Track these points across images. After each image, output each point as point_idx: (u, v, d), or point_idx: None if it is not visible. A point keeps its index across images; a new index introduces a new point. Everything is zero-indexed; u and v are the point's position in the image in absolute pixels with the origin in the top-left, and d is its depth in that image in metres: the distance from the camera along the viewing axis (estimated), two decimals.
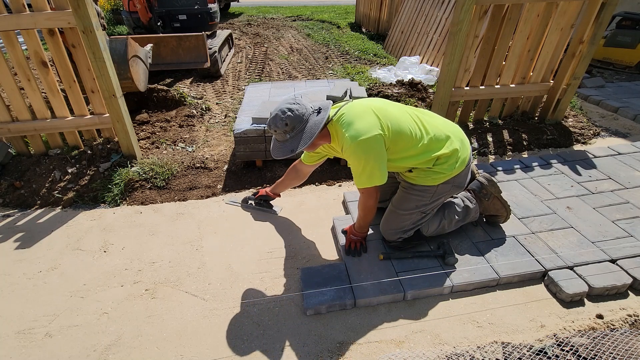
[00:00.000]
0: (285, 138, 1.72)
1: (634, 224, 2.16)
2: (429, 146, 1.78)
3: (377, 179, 1.72)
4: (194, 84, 5.15)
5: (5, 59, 2.65)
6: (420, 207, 1.91)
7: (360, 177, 1.74)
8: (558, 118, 3.42)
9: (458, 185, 1.93)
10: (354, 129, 1.67)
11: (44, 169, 2.88)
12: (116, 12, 8.66)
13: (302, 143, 1.69)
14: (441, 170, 1.82)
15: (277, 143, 1.79)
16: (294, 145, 1.70)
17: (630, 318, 1.69)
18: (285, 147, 1.73)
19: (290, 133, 1.70)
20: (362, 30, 8.48)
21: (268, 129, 1.76)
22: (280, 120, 1.69)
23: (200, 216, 2.51)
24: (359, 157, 1.68)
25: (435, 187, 1.86)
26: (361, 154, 1.67)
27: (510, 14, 2.86)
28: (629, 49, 4.77)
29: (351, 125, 1.69)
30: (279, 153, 1.75)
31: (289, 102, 1.73)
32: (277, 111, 1.71)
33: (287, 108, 1.70)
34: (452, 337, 1.64)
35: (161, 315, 1.81)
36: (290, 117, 1.68)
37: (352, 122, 1.70)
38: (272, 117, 1.72)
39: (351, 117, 1.72)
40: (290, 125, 1.69)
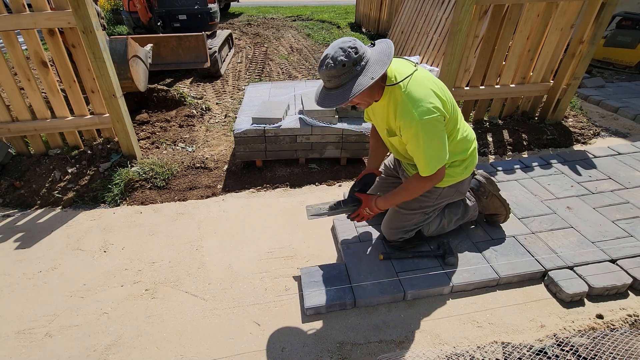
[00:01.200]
0: (341, 81, 1.47)
1: (634, 224, 2.15)
2: (459, 145, 1.75)
3: (442, 160, 1.58)
4: (194, 84, 5.15)
5: (5, 59, 2.65)
6: (424, 208, 1.91)
7: (425, 161, 1.58)
8: (558, 118, 3.42)
9: (461, 191, 1.94)
10: (423, 106, 1.50)
11: (44, 169, 2.88)
12: (116, 12, 8.66)
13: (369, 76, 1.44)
14: (452, 173, 1.80)
15: (330, 92, 1.52)
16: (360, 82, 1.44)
17: (630, 318, 1.69)
18: (348, 88, 1.46)
19: (353, 69, 1.45)
20: (362, 30, 8.48)
21: (327, 68, 1.45)
22: (345, 52, 1.42)
23: (200, 216, 2.51)
24: (423, 136, 1.52)
25: (441, 189, 1.86)
26: (428, 132, 1.51)
27: (510, 14, 2.86)
28: (629, 49, 4.77)
29: (421, 100, 1.50)
30: (339, 99, 1.48)
31: (344, 39, 1.48)
32: (336, 47, 1.45)
33: (348, 40, 1.45)
34: (452, 337, 1.64)
35: (161, 315, 1.81)
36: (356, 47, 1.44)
37: (424, 97, 1.51)
38: (332, 54, 1.44)
39: (423, 92, 1.53)
40: (357, 57, 1.44)
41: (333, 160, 3.10)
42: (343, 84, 1.48)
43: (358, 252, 2.03)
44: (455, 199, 1.97)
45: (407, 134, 1.56)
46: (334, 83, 1.49)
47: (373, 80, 1.44)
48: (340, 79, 1.46)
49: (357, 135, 2.86)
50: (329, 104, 1.52)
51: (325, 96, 1.54)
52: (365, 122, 2.92)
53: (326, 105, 1.53)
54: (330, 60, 1.44)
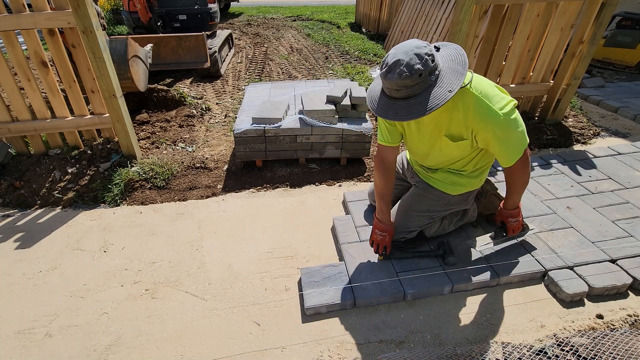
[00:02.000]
0: (413, 92, 1.32)
1: (634, 224, 2.15)
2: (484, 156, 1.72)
3: (526, 140, 1.52)
4: (194, 84, 5.15)
5: (5, 59, 2.65)
6: (431, 212, 1.91)
7: (516, 146, 1.50)
8: (558, 118, 3.42)
9: (468, 201, 1.95)
10: (500, 98, 1.44)
11: (44, 169, 2.88)
12: (116, 12, 8.66)
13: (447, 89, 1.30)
14: (467, 183, 1.80)
15: (396, 102, 1.36)
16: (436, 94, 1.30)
17: (630, 318, 1.69)
18: (421, 101, 1.31)
19: (428, 79, 1.31)
20: (362, 30, 8.48)
21: (401, 77, 1.27)
22: (422, 60, 1.27)
23: (200, 216, 2.51)
24: (510, 128, 1.45)
25: (451, 197, 1.86)
26: (516, 123, 1.46)
27: (510, 14, 2.86)
28: (629, 49, 4.77)
29: (496, 95, 1.44)
30: (412, 112, 1.32)
31: (419, 44, 1.31)
32: (410, 53, 1.28)
33: (424, 45, 1.30)
34: (452, 337, 1.64)
35: (161, 315, 1.81)
36: (433, 55, 1.30)
37: (495, 92, 1.45)
38: (406, 62, 1.27)
39: (489, 84, 1.47)
40: (434, 66, 1.30)
41: (333, 160, 3.10)
42: (415, 94, 1.33)
43: (358, 252, 2.03)
44: (462, 207, 1.97)
45: (494, 132, 1.46)
46: (403, 93, 1.33)
47: (452, 94, 1.30)
48: (413, 89, 1.31)
49: (357, 135, 2.86)
50: (395, 116, 1.37)
51: (389, 106, 1.38)
52: (365, 122, 2.92)
53: (391, 117, 1.37)
54: (405, 69, 1.27)
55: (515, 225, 1.85)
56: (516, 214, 1.82)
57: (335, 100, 2.93)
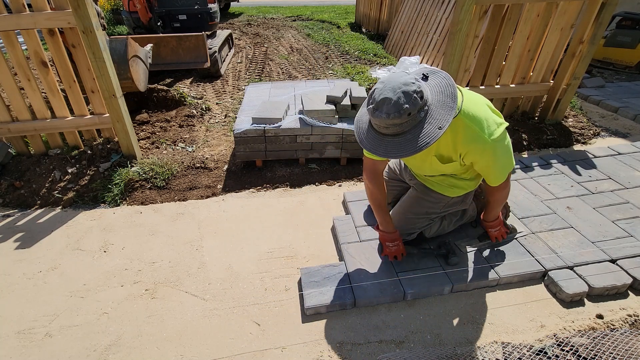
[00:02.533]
0: (402, 129, 1.29)
1: (634, 224, 2.15)
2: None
3: (512, 166, 1.57)
4: (194, 84, 5.15)
5: (5, 59, 2.65)
6: (430, 214, 1.91)
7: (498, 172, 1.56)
8: (558, 118, 3.42)
9: (467, 202, 1.95)
10: (489, 123, 1.44)
11: (44, 169, 2.88)
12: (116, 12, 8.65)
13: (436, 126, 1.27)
14: (465, 185, 1.81)
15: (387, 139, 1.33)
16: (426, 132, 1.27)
17: (630, 318, 1.69)
18: (411, 138, 1.28)
19: (417, 116, 1.28)
20: (362, 30, 8.48)
21: (389, 117, 1.25)
22: (410, 99, 1.23)
23: (200, 216, 2.51)
24: (497, 153, 1.47)
25: (449, 199, 1.86)
26: (499, 150, 1.47)
27: (510, 14, 2.86)
28: (629, 49, 4.77)
29: (486, 119, 1.44)
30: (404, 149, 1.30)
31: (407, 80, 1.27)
32: (397, 91, 1.24)
33: (411, 82, 1.26)
34: (452, 337, 1.64)
35: (161, 315, 1.81)
36: (422, 92, 1.26)
37: (485, 115, 1.45)
38: (394, 100, 1.24)
39: (480, 109, 1.46)
40: (422, 103, 1.27)
41: (333, 160, 3.10)
42: (404, 132, 1.30)
43: (358, 252, 2.03)
44: (460, 208, 1.98)
45: (481, 157, 1.49)
46: (392, 130, 1.30)
47: (442, 131, 1.27)
48: (402, 126, 1.29)
49: None
50: (386, 153, 1.34)
51: (379, 143, 1.35)
52: None
53: (381, 154, 1.35)
54: (393, 109, 1.24)
55: (497, 234, 1.96)
56: (497, 224, 1.94)
57: (335, 100, 2.93)
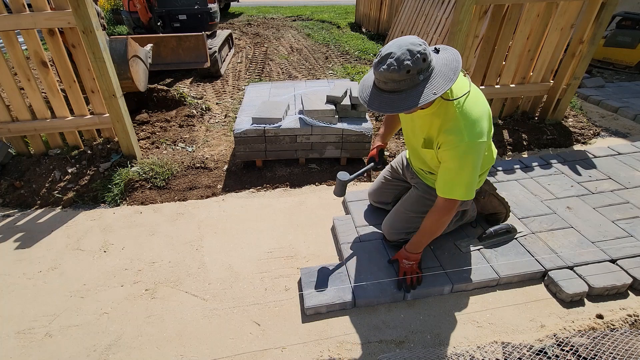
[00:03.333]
0: (398, 87, 1.32)
1: (634, 224, 2.15)
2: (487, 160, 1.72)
3: (474, 190, 1.52)
4: (194, 84, 5.15)
5: (5, 59, 2.65)
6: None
7: (453, 184, 1.50)
8: (558, 118, 3.42)
9: (468, 202, 1.94)
10: (477, 128, 1.42)
11: (44, 169, 2.88)
12: (116, 12, 8.65)
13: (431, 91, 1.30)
14: None
15: (382, 95, 1.37)
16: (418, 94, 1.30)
17: (630, 318, 1.69)
18: (404, 97, 1.31)
19: (416, 77, 1.30)
20: (362, 30, 8.48)
21: (389, 70, 1.28)
22: (413, 57, 1.27)
23: (200, 216, 2.51)
24: (465, 159, 1.45)
25: None
26: (470, 156, 1.44)
27: (510, 14, 2.86)
28: (629, 49, 4.77)
29: (478, 122, 1.43)
30: (393, 106, 1.34)
31: (414, 41, 1.30)
32: (403, 48, 1.28)
33: (419, 44, 1.29)
34: (452, 337, 1.64)
35: (161, 315, 1.81)
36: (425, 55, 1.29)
37: (478, 119, 1.44)
38: (397, 55, 1.27)
39: (478, 112, 1.45)
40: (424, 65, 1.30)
41: (333, 160, 3.10)
42: (400, 90, 1.33)
43: (358, 252, 2.03)
44: (460, 208, 1.96)
45: (450, 153, 1.47)
46: (390, 86, 1.33)
47: (435, 96, 1.31)
48: (400, 84, 1.31)
49: (357, 135, 2.86)
50: (379, 107, 1.38)
51: (376, 96, 1.39)
52: (365, 122, 2.92)
53: (375, 108, 1.39)
54: (394, 62, 1.27)
55: (407, 268, 1.81)
56: (413, 258, 1.81)
57: (335, 100, 2.93)
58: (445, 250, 2.02)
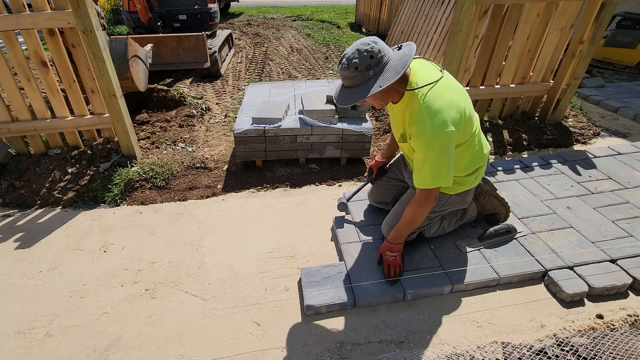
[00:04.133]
0: (353, 82, 1.49)
1: (634, 224, 2.15)
2: (477, 154, 1.74)
3: (445, 179, 1.56)
4: (194, 84, 5.15)
5: (5, 59, 2.65)
6: (429, 213, 1.90)
7: (425, 174, 1.56)
8: (558, 118, 3.42)
9: (466, 200, 1.94)
10: (439, 118, 1.47)
11: (44, 169, 2.88)
12: (116, 12, 8.66)
13: (378, 84, 1.43)
14: (463, 182, 1.81)
15: (344, 90, 1.55)
16: (368, 87, 1.45)
17: (630, 318, 1.69)
18: (357, 91, 1.47)
19: (365, 72, 1.45)
20: (362, 30, 8.48)
21: (341, 68, 1.49)
22: (360, 55, 1.42)
23: (200, 216, 2.51)
24: (432, 149, 1.50)
25: (448, 196, 1.86)
26: (436, 146, 1.49)
27: (510, 14, 2.86)
28: (629, 49, 4.77)
29: (441, 112, 1.48)
30: (347, 99, 1.51)
31: (365, 41, 1.46)
32: (354, 48, 1.46)
33: (367, 43, 1.45)
34: (452, 337, 1.64)
35: (161, 315, 1.81)
36: (372, 52, 1.42)
37: (442, 109, 1.48)
38: (348, 55, 1.46)
39: (443, 103, 1.50)
40: (372, 62, 1.43)
41: (333, 160, 3.10)
42: (355, 85, 1.50)
43: (358, 252, 2.03)
44: (459, 207, 1.97)
45: (417, 143, 1.54)
46: (347, 82, 1.51)
47: (381, 88, 1.44)
48: (353, 80, 1.48)
49: (357, 135, 2.86)
50: (341, 101, 1.55)
51: (340, 92, 1.57)
52: (365, 122, 2.92)
53: (339, 102, 1.55)
54: (345, 61, 1.47)
55: (390, 261, 1.83)
56: (396, 249, 1.83)
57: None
58: (445, 250, 2.02)
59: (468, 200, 1.95)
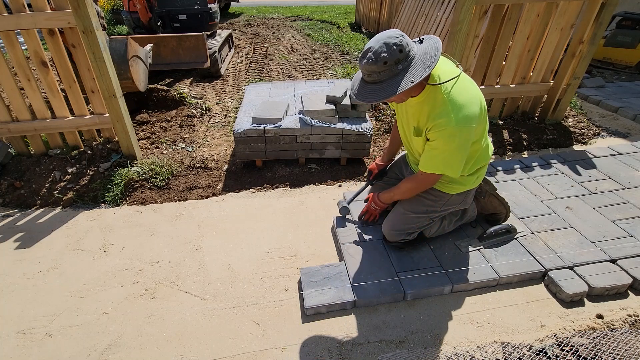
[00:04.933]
0: (380, 77, 1.42)
1: (634, 224, 2.15)
2: (483, 153, 1.74)
3: (454, 169, 1.58)
4: (194, 84, 5.15)
5: (5, 59, 2.65)
6: (430, 213, 1.91)
7: (436, 161, 1.58)
8: (558, 118, 3.42)
9: (467, 201, 1.94)
10: (464, 112, 1.47)
11: (44, 169, 2.88)
12: (116, 12, 8.65)
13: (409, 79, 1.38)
14: (465, 181, 1.81)
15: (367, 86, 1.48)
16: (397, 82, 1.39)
17: (630, 318, 1.69)
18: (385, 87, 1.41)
19: (394, 67, 1.39)
20: (362, 30, 8.48)
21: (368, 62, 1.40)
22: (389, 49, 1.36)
23: (200, 216, 2.51)
24: (452, 142, 1.50)
25: (449, 196, 1.86)
26: (457, 140, 1.50)
27: (510, 14, 2.86)
28: (629, 49, 4.77)
29: (466, 107, 1.48)
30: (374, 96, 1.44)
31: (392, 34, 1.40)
32: (380, 41, 1.38)
33: (395, 36, 1.38)
34: (452, 337, 1.64)
35: (161, 315, 1.81)
36: (401, 45, 1.37)
37: (467, 104, 1.48)
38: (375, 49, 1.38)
39: (467, 97, 1.50)
40: (401, 56, 1.38)
41: (333, 160, 3.10)
42: (382, 80, 1.43)
43: (358, 252, 2.03)
44: (460, 207, 1.97)
45: (437, 134, 1.52)
46: (372, 78, 1.45)
47: (413, 84, 1.39)
48: (380, 75, 1.42)
49: (357, 135, 2.86)
50: (363, 98, 1.48)
51: (362, 88, 1.50)
52: (365, 122, 2.92)
53: (361, 98, 1.49)
54: (372, 55, 1.39)
55: (371, 210, 2.08)
56: (380, 205, 2.04)
57: (335, 100, 2.93)
58: (445, 250, 2.02)
59: (469, 200, 1.95)
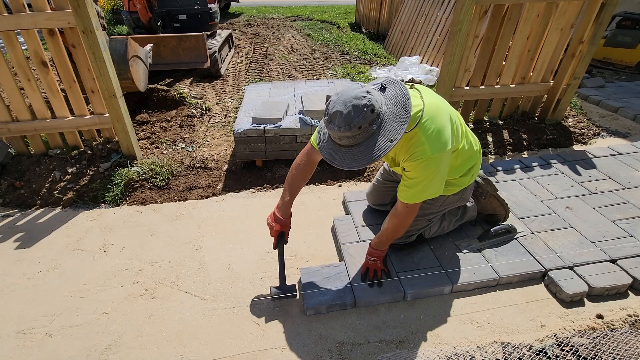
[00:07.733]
0: (355, 141, 1.30)
1: (634, 224, 2.15)
2: (466, 154, 1.73)
3: (434, 193, 1.53)
4: (194, 84, 5.15)
5: (5, 59, 2.65)
6: (427, 215, 1.91)
7: (415, 190, 1.50)
8: (558, 118, 3.42)
9: (465, 197, 1.94)
10: (438, 139, 1.41)
11: (44, 169, 2.88)
12: (116, 12, 8.65)
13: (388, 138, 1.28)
14: (459, 182, 1.81)
15: (343, 150, 1.35)
16: (374, 143, 1.29)
17: (630, 318, 1.69)
18: (363, 150, 1.30)
19: (369, 128, 1.28)
20: (362, 30, 8.48)
21: (339, 129, 1.26)
22: (361, 113, 1.24)
23: (200, 216, 2.51)
24: (429, 171, 1.44)
25: (445, 197, 1.85)
26: (433, 168, 1.44)
27: (510, 14, 2.86)
28: (629, 49, 4.77)
29: (439, 134, 1.41)
30: (355, 161, 1.32)
31: (357, 94, 1.26)
32: (347, 104, 1.25)
33: (362, 96, 1.25)
34: (452, 337, 1.64)
35: (161, 315, 1.81)
36: (372, 106, 1.26)
37: (439, 130, 1.42)
38: (344, 114, 1.24)
39: (437, 124, 1.43)
40: (374, 116, 1.27)
41: None
42: (357, 144, 1.31)
43: (358, 252, 2.03)
44: (459, 204, 1.97)
45: (413, 165, 1.45)
46: (346, 142, 1.32)
47: (393, 144, 1.29)
48: (354, 139, 1.30)
49: None
50: (341, 164, 1.36)
51: (336, 153, 1.37)
52: None
53: (337, 164, 1.37)
54: (344, 122, 1.25)
55: (372, 265, 1.83)
56: (377, 254, 1.82)
57: None
58: (445, 250, 2.02)
59: (467, 197, 1.95)
